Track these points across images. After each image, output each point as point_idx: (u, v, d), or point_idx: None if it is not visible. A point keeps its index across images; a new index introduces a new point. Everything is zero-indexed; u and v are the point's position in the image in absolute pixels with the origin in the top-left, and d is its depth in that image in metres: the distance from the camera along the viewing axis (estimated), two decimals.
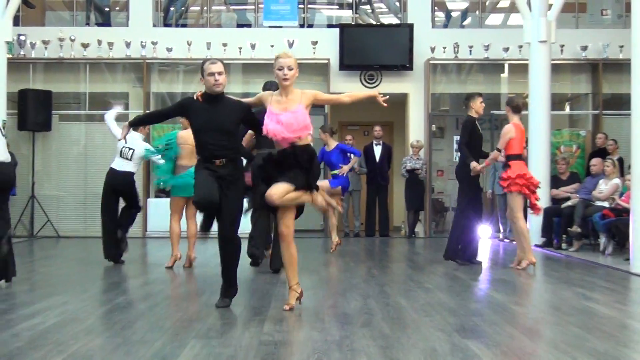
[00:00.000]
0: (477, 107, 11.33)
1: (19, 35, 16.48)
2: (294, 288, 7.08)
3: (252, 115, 7.56)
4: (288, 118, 6.99)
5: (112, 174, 11.09)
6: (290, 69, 7.23)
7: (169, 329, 6.16)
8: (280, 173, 6.99)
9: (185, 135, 10.41)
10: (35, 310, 6.96)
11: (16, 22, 15.99)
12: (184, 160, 10.70)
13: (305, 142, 7.14)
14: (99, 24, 17.99)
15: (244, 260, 9.38)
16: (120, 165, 11.08)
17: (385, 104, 7.85)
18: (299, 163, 7.00)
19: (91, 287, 8.88)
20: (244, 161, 8.70)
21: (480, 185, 12.03)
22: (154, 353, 5.24)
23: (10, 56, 15.82)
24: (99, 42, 16.74)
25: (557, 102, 16.78)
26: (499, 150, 11.08)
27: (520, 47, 15.93)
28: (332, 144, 13.25)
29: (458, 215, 11.40)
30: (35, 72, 17.02)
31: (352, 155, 13.52)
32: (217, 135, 7.19)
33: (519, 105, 11.20)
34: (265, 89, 10.33)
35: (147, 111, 15.09)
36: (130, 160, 11.08)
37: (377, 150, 17.07)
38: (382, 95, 7.70)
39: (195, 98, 7.43)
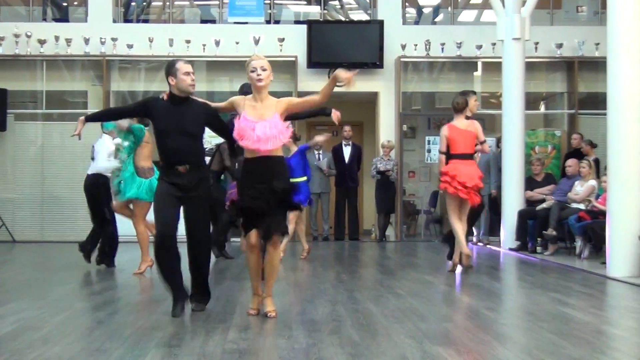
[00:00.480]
0: (472, 105, 11.16)
1: None
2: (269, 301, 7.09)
3: (219, 120, 7.44)
4: (264, 129, 6.81)
5: (85, 178, 11.24)
6: (263, 69, 7.07)
7: (129, 337, 6.11)
8: (255, 198, 6.85)
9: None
10: None
11: None
12: (142, 162, 10.61)
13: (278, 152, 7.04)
14: (56, 20, 17.89)
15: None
16: (90, 168, 11.15)
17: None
18: (271, 178, 6.87)
19: (48, 294, 8.80)
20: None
21: None
22: None
23: None
24: (57, 38, 16.62)
25: (531, 101, 16.92)
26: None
27: (494, 44, 16.00)
28: (294, 149, 13.00)
29: None
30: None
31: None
32: (181, 139, 7.01)
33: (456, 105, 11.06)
34: (241, 92, 10.17)
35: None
36: (93, 160, 11.11)
37: (347, 151, 17.07)
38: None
39: (160, 97, 7.27)
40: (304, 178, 12.35)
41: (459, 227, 10.61)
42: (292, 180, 12.72)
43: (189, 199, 7.06)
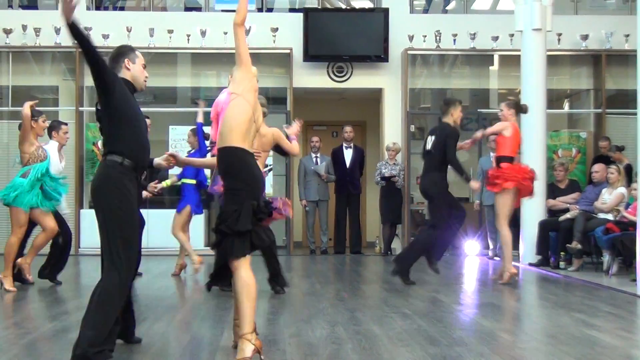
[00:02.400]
0: (457, 115, 11.43)
1: None
2: (248, 337, 6.04)
3: None
4: None
5: None
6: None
7: None
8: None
9: None
10: None
11: None
12: None
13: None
14: (23, 7, 17.92)
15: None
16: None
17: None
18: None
19: (16, 313, 8.82)
20: None
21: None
22: None
23: None
24: (24, 27, 16.63)
25: (554, 99, 16.94)
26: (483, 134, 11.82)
27: (512, 35, 16.02)
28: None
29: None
30: None
31: None
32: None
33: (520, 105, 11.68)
34: None
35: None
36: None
37: (348, 155, 17.05)
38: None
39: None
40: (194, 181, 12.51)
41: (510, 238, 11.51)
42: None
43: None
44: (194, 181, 12.44)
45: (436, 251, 11.66)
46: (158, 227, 14.28)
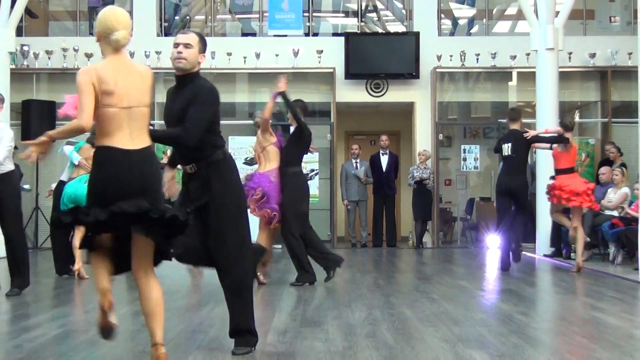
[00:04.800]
0: (521, 122, 11.74)
1: (22, 45, 16.55)
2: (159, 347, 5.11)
3: (197, 105, 5.54)
4: None
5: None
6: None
7: (172, 340, 6.18)
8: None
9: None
10: (37, 323, 7.00)
11: (19, 32, 16.07)
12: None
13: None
14: None
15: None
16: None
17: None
18: None
19: (92, 299, 8.90)
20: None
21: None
22: None
23: (14, 66, 15.91)
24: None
25: (565, 110, 16.78)
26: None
27: (528, 54, 15.91)
28: None
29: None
30: (39, 82, 17.10)
31: None
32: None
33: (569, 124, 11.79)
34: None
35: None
36: None
37: (384, 160, 17.03)
38: None
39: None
40: None
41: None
42: None
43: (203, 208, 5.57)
44: None
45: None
46: None
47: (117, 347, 5.91)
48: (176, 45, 5.75)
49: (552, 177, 12.03)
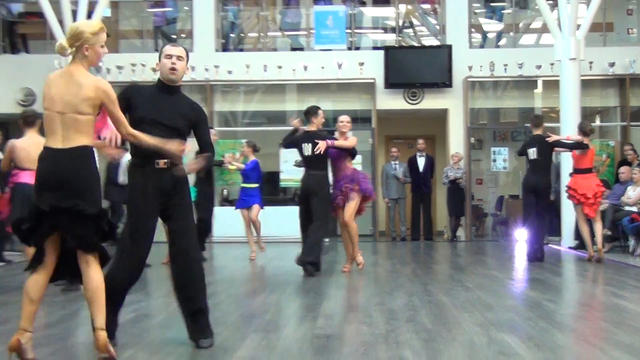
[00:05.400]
0: (544, 128, 11.75)
1: None
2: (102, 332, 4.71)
3: (204, 125, 5.62)
4: None
5: None
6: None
7: (232, 323, 6.23)
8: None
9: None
10: None
11: None
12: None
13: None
14: None
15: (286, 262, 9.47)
16: None
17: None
18: None
19: (160, 287, 8.99)
20: None
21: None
22: (218, 345, 5.31)
23: None
24: None
25: (587, 114, 16.60)
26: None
27: (552, 64, 15.74)
28: (252, 158, 12.48)
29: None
30: None
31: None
32: (163, 132, 5.25)
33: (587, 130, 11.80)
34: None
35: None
36: None
37: (421, 162, 16.99)
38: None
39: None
40: (256, 185, 12.30)
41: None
42: (245, 185, 12.36)
43: (171, 205, 5.38)
44: (256, 184, 12.37)
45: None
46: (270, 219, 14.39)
47: (182, 331, 5.95)
48: (170, 56, 5.52)
49: (571, 174, 11.97)
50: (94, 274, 4.75)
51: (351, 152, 10.13)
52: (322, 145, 9.69)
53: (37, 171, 4.82)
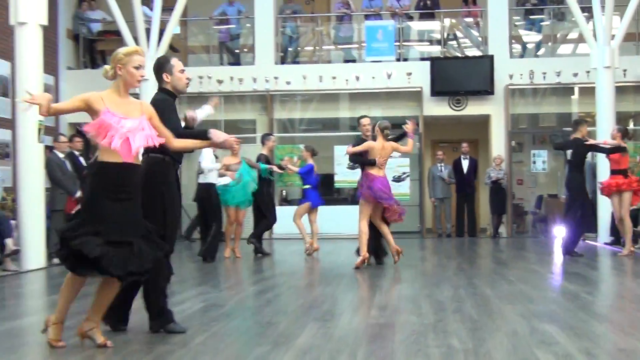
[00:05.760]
0: (585, 132, 11.56)
1: None
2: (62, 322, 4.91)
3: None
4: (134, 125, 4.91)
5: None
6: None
7: (292, 313, 6.25)
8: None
9: None
10: (183, 299, 7.16)
11: None
12: None
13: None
14: (230, 64, 18.34)
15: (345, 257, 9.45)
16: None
17: None
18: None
19: (226, 280, 9.08)
20: None
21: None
22: (280, 333, 5.34)
23: None
24: (231, 78, 17.08)
25: (621, 119, 16.26)
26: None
27: (588, 72, 15.50)
28: (309, 162, 12.45)
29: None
30: (181, 104, 17.32)
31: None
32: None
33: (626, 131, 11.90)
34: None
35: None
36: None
37: (465, 164, 16.88)
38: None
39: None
40: (309, 186, 12.28)
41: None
42: (303, 187, 12.46)
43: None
44: (309, 185, 12.36)
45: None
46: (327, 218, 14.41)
47: (247, 319, 6.02)
48: (183, 71, 5.64)
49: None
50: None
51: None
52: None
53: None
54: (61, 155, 11.34)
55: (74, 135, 12.12)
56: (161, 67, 5.57)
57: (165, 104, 5.48)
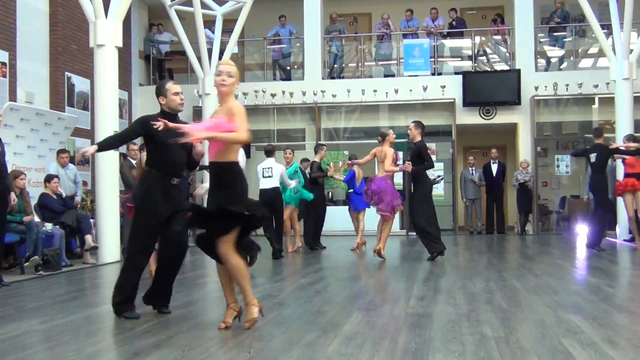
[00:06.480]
0: (604, 138, 11.53)
1: None
2: (254, 303, 5.07)
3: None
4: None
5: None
6: (230, 75, 5.07)
7: (338, 303, 6.22)
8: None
9: None
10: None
11: None
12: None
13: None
14: (282, 79, 18.44)
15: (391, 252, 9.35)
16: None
17: None
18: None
19: (279, 272, 9.08)
20: None
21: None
22: (328, 321, 5.31)
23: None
24: (283, 92, 17.17)
25: (639, 126, 15.93)
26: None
27: (608, 83, 15.23)
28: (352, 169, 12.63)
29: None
30: None
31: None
32: (180, 153, 5.58)
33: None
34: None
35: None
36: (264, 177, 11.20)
37: (494, 168, 16.70)
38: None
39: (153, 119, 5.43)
40: (351, 190, 12.32)
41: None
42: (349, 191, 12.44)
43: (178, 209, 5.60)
44: (351, 190, 12.44)
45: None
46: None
47: (298, 308, 6.00)
48: (177, 93, 5.63)
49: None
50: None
51: None
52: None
53: (246, 182, 5.07)
54: (133, 162, 11.48)
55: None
56: (158, 91, 5.71)
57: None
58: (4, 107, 10.17)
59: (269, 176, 11.04)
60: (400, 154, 15.95)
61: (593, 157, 11.29)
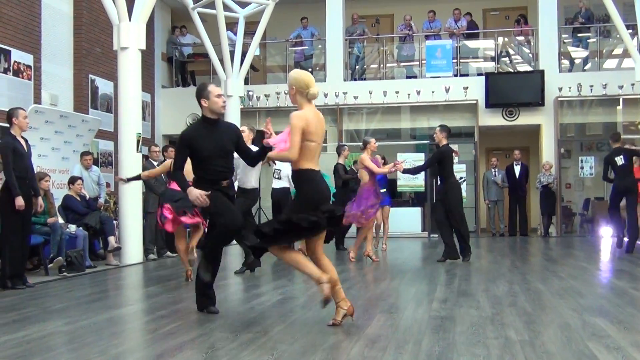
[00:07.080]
0: (622, 141, 11.45)
1: (248, 91, 17.15)
2: (341, 305, 5.27)
3: (244, 142, 5.95)
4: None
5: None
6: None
7: (361, 305, 6.18)
8: None
9: None
10: (263, 291, 7.19)
11: (246, 81, 16.64)
12: None
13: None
14: None
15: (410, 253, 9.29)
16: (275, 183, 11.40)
17: None
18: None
19: (301, 274, 9.05)
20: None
21: None
22: (351, 323, 5.28)
23: (242, 106, 16.50)
24: None
25: None
26: None
27: (633, 84, 15.07)
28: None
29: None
30: (260, 117, 17.63)
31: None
32: (222, 160, 5.68)
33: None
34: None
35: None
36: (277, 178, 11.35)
37: (517, 169, 16.56)
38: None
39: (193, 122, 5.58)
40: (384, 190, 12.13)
41: None
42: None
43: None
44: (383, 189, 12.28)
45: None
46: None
47: (320, 311, 5.97)
48: (219, 95, 5.67)
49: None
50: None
51: None
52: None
53: (317, 187, 5.10)
54: (155, 164, 11.53)
55: (168, 145, 12.30)
56: (199, 93, 5.71)
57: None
58: (29, 110, 10.26)
59: (278, 177, 11.26)
60: (422, 155, 15.91)
61: (619, 160, 11.18)
